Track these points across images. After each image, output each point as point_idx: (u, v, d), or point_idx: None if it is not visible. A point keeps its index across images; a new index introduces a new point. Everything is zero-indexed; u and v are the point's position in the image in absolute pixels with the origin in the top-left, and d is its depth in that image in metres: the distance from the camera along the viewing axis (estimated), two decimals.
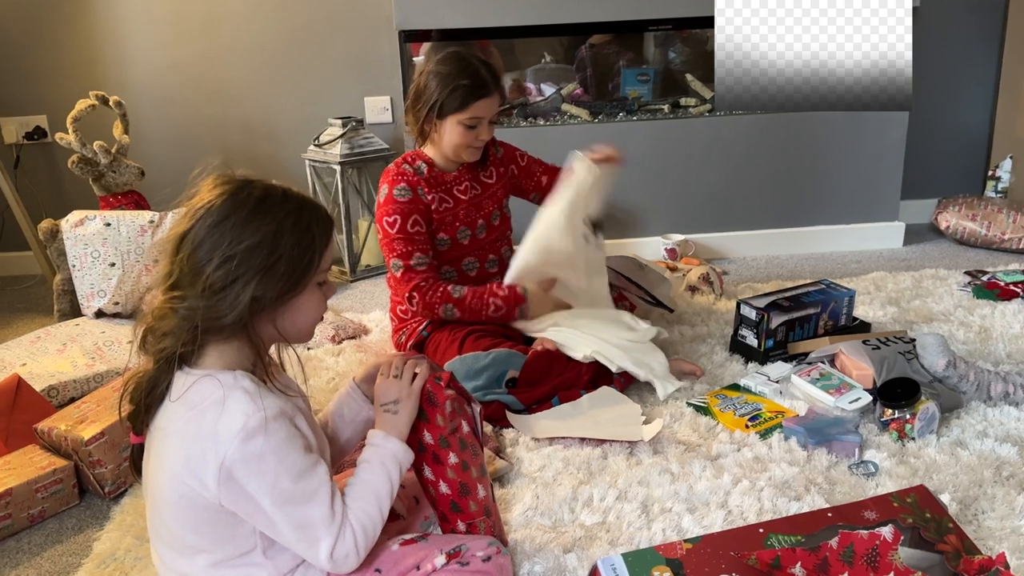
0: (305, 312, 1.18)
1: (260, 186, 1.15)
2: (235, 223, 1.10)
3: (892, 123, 3.07)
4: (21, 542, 1.63)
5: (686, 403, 1.94)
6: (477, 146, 2.06)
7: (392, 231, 2.04)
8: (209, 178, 1.16)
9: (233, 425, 1.06)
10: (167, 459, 1.12)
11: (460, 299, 2.02)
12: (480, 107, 2.00)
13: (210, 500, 1.09)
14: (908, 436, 1.75)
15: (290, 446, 1.10)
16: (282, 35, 3.14)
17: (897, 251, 3.16)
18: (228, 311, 1.09)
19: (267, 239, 1.10)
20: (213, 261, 1.09)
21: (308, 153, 3.09)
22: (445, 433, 1.29)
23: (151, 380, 1.14)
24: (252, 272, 1.09)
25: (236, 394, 1.09)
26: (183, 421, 1.10)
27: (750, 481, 1.61)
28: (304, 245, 1.14)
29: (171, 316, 1.10)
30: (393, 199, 2.04)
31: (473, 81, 1.98)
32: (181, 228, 1.12)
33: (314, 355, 2.31)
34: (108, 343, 2.31)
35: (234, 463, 1.06)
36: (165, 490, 1.13)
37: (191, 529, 1.14)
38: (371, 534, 1.16)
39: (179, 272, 1.11)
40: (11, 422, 1.87)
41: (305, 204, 1.17)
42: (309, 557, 1.14)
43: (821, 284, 2.29)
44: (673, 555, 1.25)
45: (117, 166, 2.83)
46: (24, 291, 3.10)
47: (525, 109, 3.17)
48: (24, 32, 3.08)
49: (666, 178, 3.10)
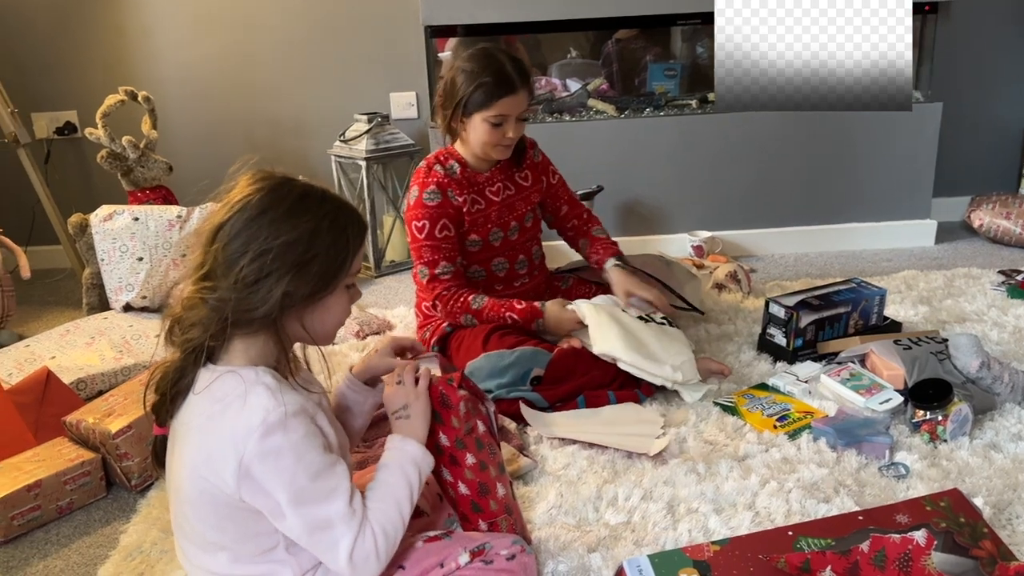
0: (332, 313, 1.18)
1: (300, 185, 1.16)
2: (273, 218, 1.10)
3: (925, 119, 3.02)
4: (50, 533, 1.65)
5: (713, 402, 1.92)
6: (506, 144, 2.04)
7: (420, 236, 2.03)
8: (248, 173, 1.16)
9: (253, 421, 1.06)
10: (188, 455, 1.12)
11: (479, 310, 2.03)
12: (505, 104, 1.98)
13: (231, 496, 1.09)
14: (940, 438, 1.72)
15: (309, 443, 1.09)
16: (309, 31, 3.15)
17: (929, 249, 3.11)
18: (259, 304, 1.09)
19: (304, 237, 1.11)
20: (248, 254, 1.09)
21: (334, 149, 3.09)
22: (461, 435, 1.28)
23: (177, 370, 1.14)
24: (286, 268, 1.10)
25: (257, 389, 1.09)
26: (205, 416, 1.11)
27: (778, 482, 1.59)
28: (339, 246, 1.14)
29: (200, 306, 1.10)
30: (422, 203, 2.04)
31: (497, 78, 1.96)
32: (218, 219, 1.12)
33: (339, 350, 2.32)
34: (136, 337, 2.33)
35: (253, 459, 1.06)
36: (186, 486, 1.13)
37: (212, 526, 1.14)
38: (392, 537, 1.14)
39: (212, 263, 1.11)
40: (40, 415, 1.89)
41: (342, 207, 1.17)
42: (329, 561, 1.12)
43: (852, 283, 2.26)
44: (700, 557, 1.23)
45: (145, 161, 2.85)
46: (54, 284, 3.14)
47: (551, 104, 3.15)
48: (55, 29, 3.11)
49: (693, 174, 3.07)
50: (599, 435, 1.77)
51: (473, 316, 2.04)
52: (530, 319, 2.02)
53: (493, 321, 2.03)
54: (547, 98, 3.16)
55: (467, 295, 2.04)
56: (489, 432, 1.34)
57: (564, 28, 3.11)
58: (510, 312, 2.02)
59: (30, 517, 1.64)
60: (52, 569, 1.54)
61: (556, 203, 2.29)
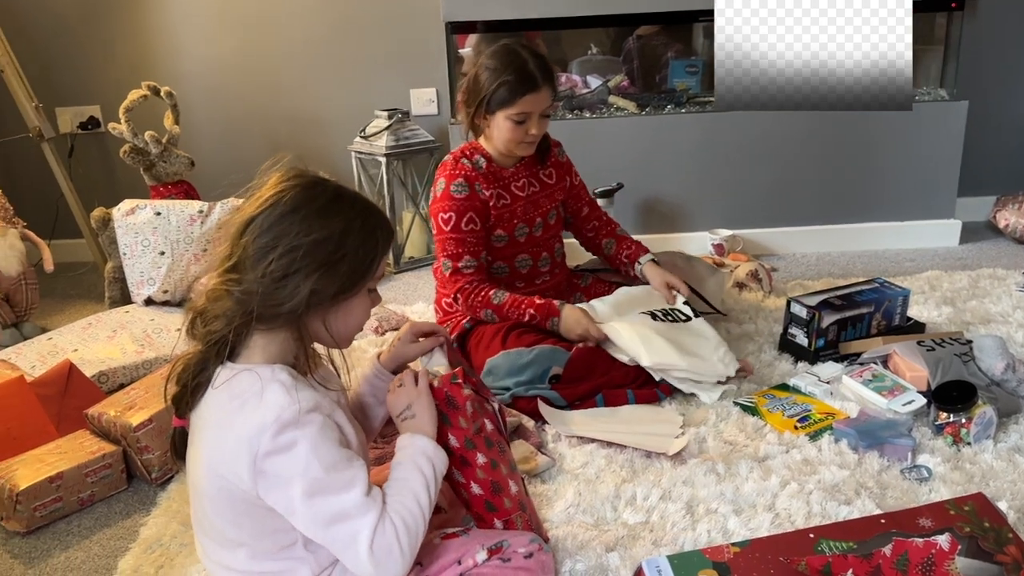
0: (354, 315, 1.19)
1: (332, 185, 1.16)
2: (305, 215, 1.11)
3: (950, 116, 2.98)
4: (71, 524, 1.66)
5: (733, 402, 1.91)
6: (529, 141, 2.03)
7: (446, 229, 2.03)
8: (281, 171, 1.17)
9: (267, 418, 1.06)
10: (205, 451, 1.13)
11: (499, 305, 2.03)
12: (527, 102, 1.97)
13: (247, 493, 1.09)
14: (963, 441, 1.70)
15: (323, 437, 1.09)
16: (330, 27, 3.16)
17: (953, 250, 3.07)
18: (286, 300, 1.09)
19: (334, 236, 1.11)
20: (278, 249, 1.09)
21: (354, 145, 3.10)
22: (470, 434, 1.28)
23: (199, 363, 1.14)
24: (315, 266, 1.10)
25: (273, 387, 1.09)
26: (222, 413, 1.11)
27: (798, 483, 1.58)
28: (367, 248, 1.15)
29: (226, 298, 1.10)
30: (450, 195, 2.03)
31: (520, 75, 1.95)
32: (249, 213, 1.13)
33: (358, 346, 2.32)
34: (157, 330, 2.35)
35: (267, 455, 1.06)
36: (204, 482, 1.13)
37: (230, 522, 1.14)
38: (413, 530, 1.11)
39: (240, 255, 1.11)
40: (63, 407, 1.90)
41: (372, 210, 1.18)
42: (350, 559, 1.09)
43: (875, 283, 2.23)
44: (720, 559, 1.22)
45: (168, 156, 2.87)
46: (76, 278, 3.17)
47: (571, 101, 3.13)
48: (79, 24, 3.14)
49: (714, 172, 3.04)
50: (618, 434, 1.76)
51: (494, 311, 2.04)
52: (546, 316, 2.02)
53: (512, 317, 2.03)
54: (567, 95, 3.15)
55: (488, 290, 2.03)
56: (497, 430, 1.34)
57: (584, 24, 3.10)
58: (529, 308, 2.02)
59: (52, 509, 1.66)
60: (73, 560, 1.56)
61: (577, 204, 2.28)
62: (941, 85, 3.11)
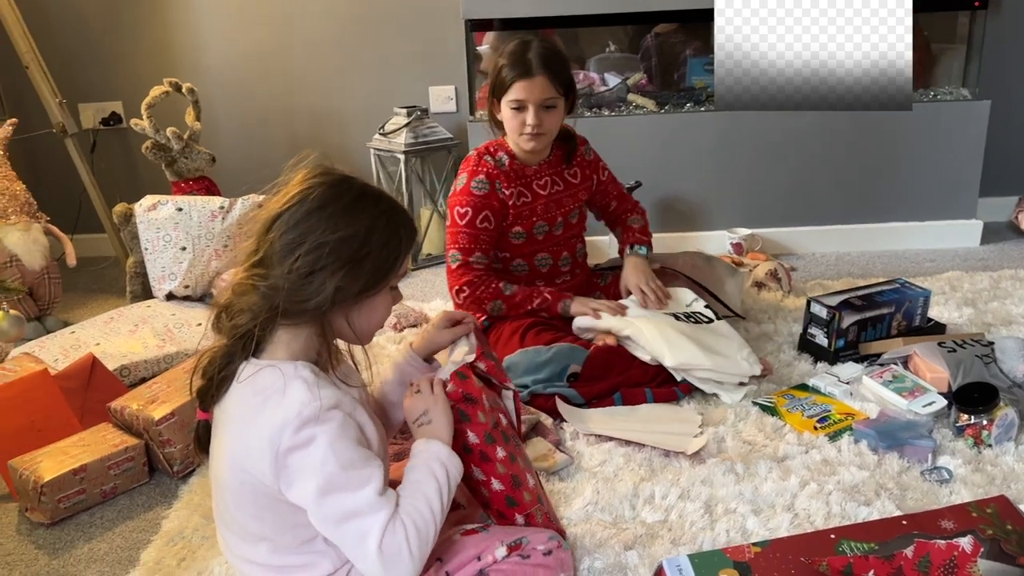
0: (377, 312, 1.19)
1: (359, 184, 1.17)
2: (332, 212, 1.12)
3: (973, 116, 2.95)
4: (94, 516, 1.68)
5: (752, 402, 1.90)
6: (529, 133, 2.00)
7: (461, 223, 2.04)
8: (308, 168, 1.18)
9: (289, 414, 1.07)
10: (228, 446, 1.14)
11: (510, 296, 2.04)
12: (519, 89, 1.96)
13: (270, 488, 1.10)
14: (984, 443, 1.69)
15: (342, 435, 1.09)
16: (349, 24, 3.17)
17: (974, 250, 3.05)
18: (311, 296, 1.10)
19: (360, 233, 1.12)
20: (304, 245, 1.10)
21: (373, 142, 3.11)
22: (488, 428, 1.28)
23: (225, 356, 1.15)
24: (341, 263, 1.11)
25: (295, 384, 1.10)
26: (245, 409, 1.12)
27: (818, 484, 1.57)
28: (391, 246, 1.16)
29: (252, 293, 1.11)
30: (469, 191, 2.04)
31: (515, 61, 1.96)
32: (276, 209, 1.14)
33: (376, 342, 2.33)
34: (178, 325, 2.37)
35: (288, 451, 1.07)
36: (226, 476, 1.14)
37: (252, 516, 1.15)
38: (424, 533, 1.11)
39: (267, 251, 1.12)
40: (86, 400, 1.92)
41: (397, 208, 1.19)
42: (359, 558, 1.09)
43: (895, 283, 2.22)
44: (741, 558, 1.22)
45: (189, 152, 2.89)
46: (98, 272, 3.20)
47: (589, 99, 3.13)
48: (101, 21, 3.16)
49: (733, 170, 3.03)
50: (636, 432, 1.77)
51: (503, 302, 2.04)
52: (557, 298, 2.05)
53: (523, 307, 2.03)
54: (585, 92, 3.15)
55: (498, 282, 2.04)
56: (511, 424, 1.35)
57: (603, 22, 3.09)
58: (539, 296, 2.05)
59: (76, 500, 1.68)
60: (96, 552, 1.57)
61: (606, 199, 2.28)
62: (963, 84, 3.09)
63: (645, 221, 2.30)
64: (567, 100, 2.04)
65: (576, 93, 2.08)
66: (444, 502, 1.15)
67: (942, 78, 3.17)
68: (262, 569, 1.19)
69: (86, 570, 1.52)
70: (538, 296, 2.05)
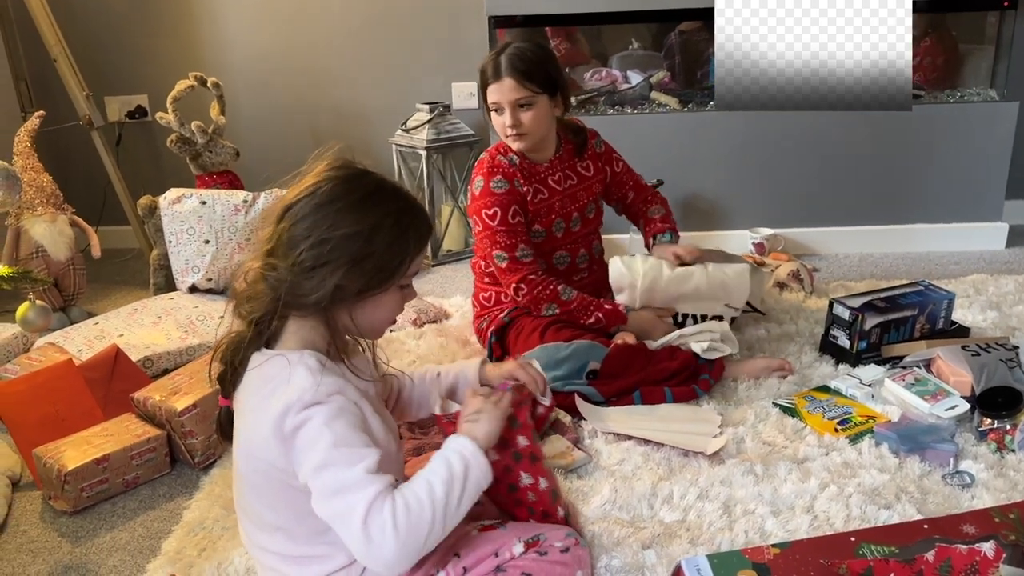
0: (382, 311, 1.19)
1: (373, 181, 1.16)
2: (339, 208, 1.12)
3: (1000, 118, 2.92)
4: (116, 506, 1.70)
5: (772, 403, 1.89)
6: (511, 133, 2.03)
7: (493, 223, 2.03)
8: (329, 159, 1.18)
9: (291, 398, 1.08)
10: (243, 435, 1.16)
11: (567, 301, 2.04)
12: (492, 92, 2.02)
13: (283, 473, 1.11)
14: (1008, 448, 1.67)
15: (341, 417, 1.09)
16: (373, 20, 3.18)
17: (999, 253, 3.01)
18: (311, 292, 1.11)
19: (363, 233, 1.12)
20: (309, 239, 1.11)
21: (395, 137, 3.12)
22: (532, 427, 1.29)
23: (240, 342, 1.17)
24: (342, 261, 1.11)
25: (299, 370, 1.11)
26: (256, 398, 1.13)
27: (838, 486, 1.56)
28: (398, 247, 1.14)
29: (261, 282, 1.13)
30: (491, 191, 2.04)
31: (487, 65, 2.02)
32: (288, 199, 1.15)
33: (396, 337, 2.34)
34: (201, 317, 2.39)
35: (292, 432, 1.08)
36: (242, 465, 1.17)
37: (267, 505, 1.16)
38: (416, 516, 1.06)
39: (277, 240, 1.13)
40: (109, 390, 1.95)
41: (409, 208, 1.17)
42: (345, 535, 1.07)
43: (919, 285, 2.20)
44: (760, 559, 1.22)
45: (213, 146, 2.91)
46: (123, 264, 3.23)
47: (612, 97, 3.12)
48: (128, 15, 3.19)
49: (756, 170, 3.02)
50: (655, 431, 1.76)
51: (560, 307, 2.04)
52: (613, 322, 2.04)
53: (577, 315, 2.04)
54: (608, 90, 3.14)
55: (556, 284, 2.04)
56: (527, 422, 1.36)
57: (626, 19, 3.08)
58: (597, 311, 2.04)
59: (98, 490, 1.70)
60: (118, 541, 1.59)
61: (622, 190, 2.27)
62: (991, 85, 3.05)
63: (667, 209, 2.30)
64: (552, 97, 2.04)
65: (565, 89, 2.08)
66: (451, 493, 1.10)
67: (970, 79, 3.13)
68: (279, 559, 1.20)
69: (108, 558, 1.54)
70: (593, 314, 2.04)
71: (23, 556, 1.57)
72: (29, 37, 3.07)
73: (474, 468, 1.13)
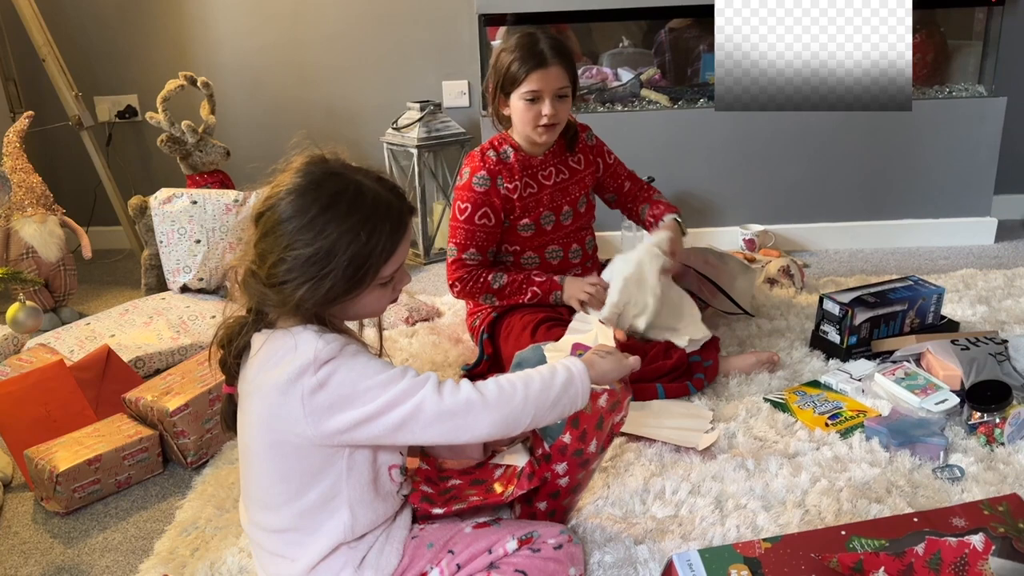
0: (363, 306, 1.20)
1: (332, 187, 1.13)
2: (295, 228, 1.11)
3: (988, 112, 2.93)
4: (108, 506, 1.70)
5: (763, 399, 1.90)
6: (544, 124, 2.00)
7: (460, 218, 2.05)
8: (299, 158, 1.18)
9: (306, 358, 1.10)
10: (254, 412, 1.16)
11: (500, 288, 2.06)
12: (535, 79, 1.95)
13: (301, 436, 1.12)
14: (997, 441, 1.68)
15: (360, 356, 1.13)
16: (363, 19, 3.17)
17: (988, 248, 3.03)
18: (284, 302, 1.13)
19: (319, 253, 1.11)
20: (271, 256, 1.12)
21: (386, 136, 3.12)
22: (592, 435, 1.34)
23: (239, 325, 1.19)
24: (301, 280, 1.11)
25: (304, 335, 1.13)
26: (264, 373, 1.14)
27: (829, 481, 1.57)
28: (360, 260, 1.12)
29: (247, 284, 1.16)
30: (470, 186, 2.05)
31: (528, 52, 1.95)
32: (258, 206, 1.17)
33: (388, 336, 2.32)
34: (192, 317, 2.39)
35: (313, 391, 1.09)
36: (255, 442, 1.17)
37: (279, 477, 1.16)
38: (506, 392, 1.14)
39: (253, 247, 1.16)
40: (101, 391, 1.94)
41: (372, 214, 1.13)
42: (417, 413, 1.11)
43: (908, 280, 2.21)
44: (751, 554, 1.22)
45: (204, 145, 2.90)
46: (113, 264, 3.22)
47: (602, 95, 3.13)
48: (118, 15, 3.18)
49: (746, 166, 3.03)
50: (647, 428, 1.77)
51: (494, 295, 2.06)
52: (548, 291, 2.05)
53: (514, 299, 2.05)
54: (599, 88, 3.14)
55: (487, 274, 2.06)
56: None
57: (616, 17, 3.09)
58: (531, 286, 2.05)
59: (90, 490, 1.69)
60: (111, 541, 1.59)
61: (617, 181, 2.27)
62: (979, 81, 3.07)
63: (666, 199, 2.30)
64: (573, 91, 2.05)
65: (579, 85, 2.09)
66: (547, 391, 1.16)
67: (958, 74, 3.15)
68: (283, 541, 1.20)
69: (100, 559, 1.54)
70: (528, 290, 2.05)
71: (15, 558, 1.56)
72: (17, 37, 3.06)
73: (576, 384, 1.19)
